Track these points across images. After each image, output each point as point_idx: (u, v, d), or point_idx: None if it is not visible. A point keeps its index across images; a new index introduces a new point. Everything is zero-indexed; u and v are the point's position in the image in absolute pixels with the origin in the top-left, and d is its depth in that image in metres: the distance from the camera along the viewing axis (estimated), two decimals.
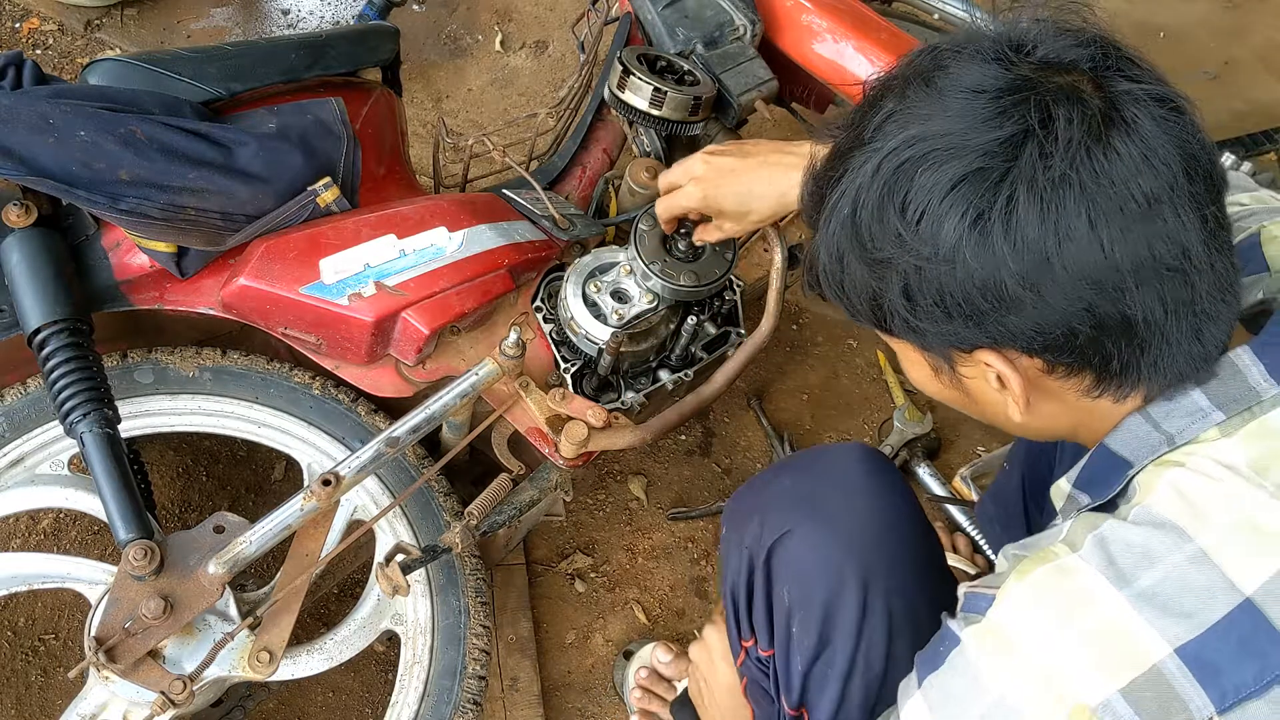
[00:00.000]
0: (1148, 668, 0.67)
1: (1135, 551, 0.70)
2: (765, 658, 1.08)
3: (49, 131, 1.16)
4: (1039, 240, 0.69)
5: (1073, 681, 0.68)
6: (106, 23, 2.24)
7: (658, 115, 1.41)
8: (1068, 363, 0.74)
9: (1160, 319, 0.71)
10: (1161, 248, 0.69)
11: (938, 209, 0.71)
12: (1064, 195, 0.68)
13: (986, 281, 0.71)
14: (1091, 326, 0.71)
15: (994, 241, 0.70)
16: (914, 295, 0.75)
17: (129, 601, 1.19)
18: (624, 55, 1.43)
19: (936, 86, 0.73)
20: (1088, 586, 0.70)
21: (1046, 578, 0.73)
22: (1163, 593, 0.68)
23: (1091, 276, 0.69)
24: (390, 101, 1.49)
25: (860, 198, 0.75)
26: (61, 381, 1.22)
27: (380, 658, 1.57)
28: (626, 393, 1.42)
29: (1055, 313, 0.71)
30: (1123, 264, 0.69)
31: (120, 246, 1.33)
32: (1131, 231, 0.69)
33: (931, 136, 0.71)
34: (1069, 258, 0.69)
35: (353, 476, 1.23)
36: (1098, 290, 0.70)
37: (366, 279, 1.30)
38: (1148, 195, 0.68)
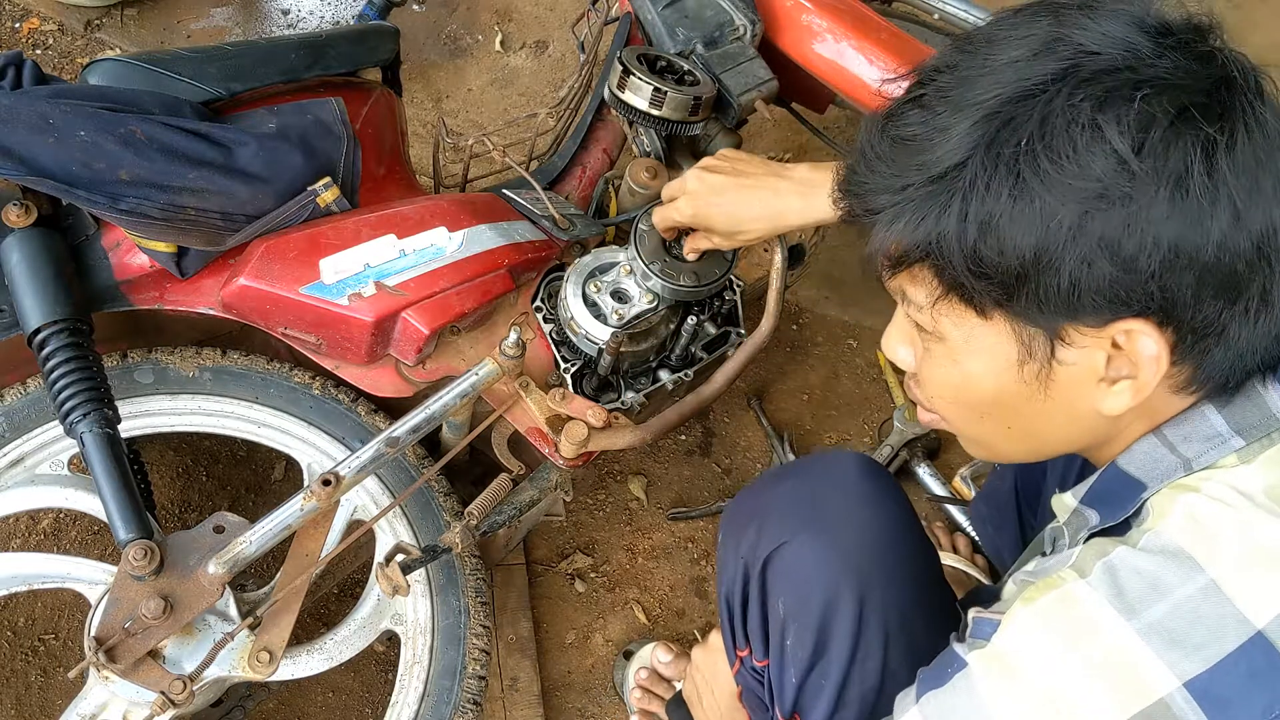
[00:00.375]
0: (1154, 700, 0.65)
1: (1145, 581, 0.68)
2: (760, 668, 1.08)
3: (49, 131, 1.16)
4: (1249, 186, 0.66)
5: (1077, 710, 0.67)
6: (106, 23, 2.24)
7: (657, 115, 1.41)
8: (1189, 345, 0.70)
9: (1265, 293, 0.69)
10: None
11: (1158, 142, 0.65)
12: (1269, 151, 0.66)
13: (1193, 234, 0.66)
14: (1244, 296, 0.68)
15: (1220, 179, 0.65)
16: (1113, 247, 0.67)
17: (129, 601, 1.19)
18: (624, 55, 1.43)
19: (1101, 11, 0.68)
20: (1095, 616, 0.68)
21: (1053, 605, 0.71)
22: (1172, 625, 0.66)
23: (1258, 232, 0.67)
24: (390, 101, 1.49)
25: (1050, 129, 0.66)
26: (61, 381, 1.22)
27: (380, 658, 1.57)
28: (626, 393, 1.42)
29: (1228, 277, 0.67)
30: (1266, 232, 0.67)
31: (120, 246, 1.33)
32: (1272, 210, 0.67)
33: (1133, 67, 0.66)
34: (1256, 210, 0.66)
35: (353, 476, 1.23)
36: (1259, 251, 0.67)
37: (366, 279, 1.30)
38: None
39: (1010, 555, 1.36)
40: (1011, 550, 1.36)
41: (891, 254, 0.76)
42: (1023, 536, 1.33)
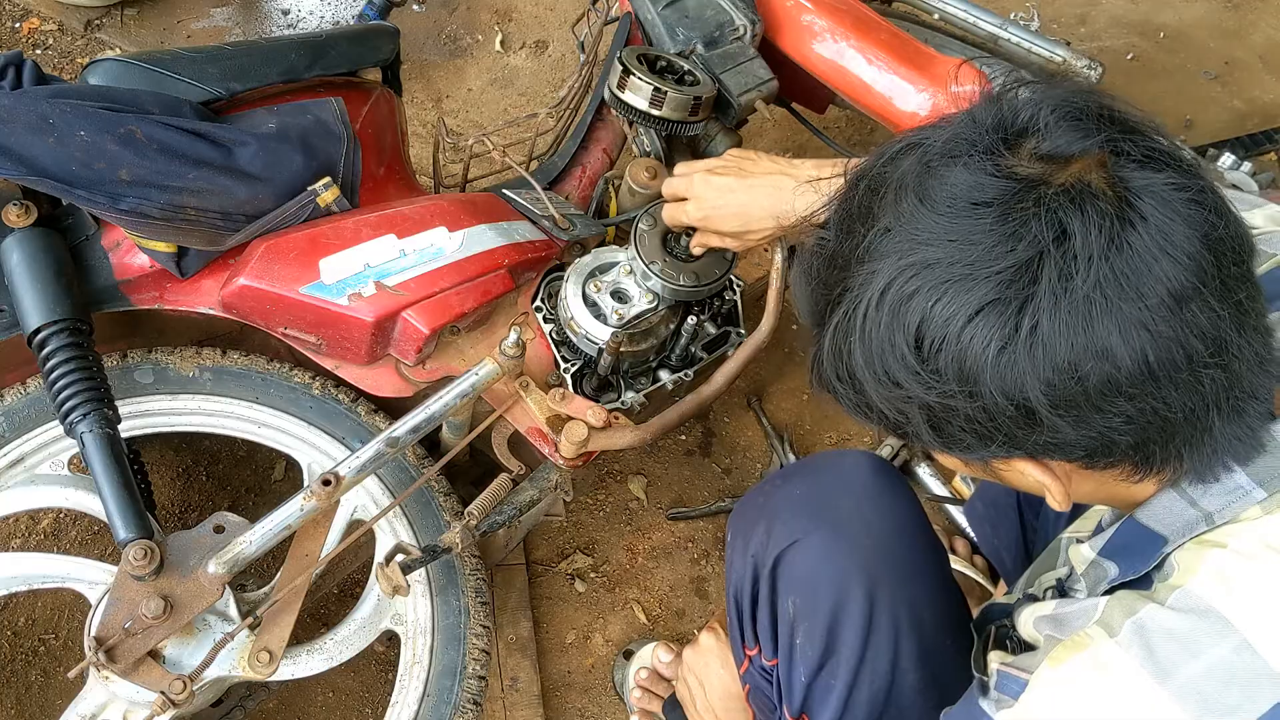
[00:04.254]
0: None
1: (1177, 642, 0.68)
2: (769, 667, 1.08)
3: (49, 131, 1.16)
4: (1069, 363, 0.65)
5: None
6: (106, 23, 2.24)
7: (657, 115, 1.41)
8: (1105, 461, 0.72)
9: (1201, 411, 0.68)
10: (1196, 344, 0.65)
11: (957, 342, 0.67)
12: (1091, 313, 0.64)
13: (1018, 411, 0.68)
14: (1132, 434, 0.68)
15: (1021, 370, 0.66)
16: (940, 425, 0.72)
17: (129, 601, 1.19)
18: (624, 55, 1.43)
19: (931, 199, 0.68)
20: (1127, 681, 0.68)
21: (1083, 671, 0.71)
22: (1206, 687, 0.66)
23: (1126, 389, 0.66)
24: (390, 101, 1.49)
25: (867, 327, 0.71)
26: (61, 381, 1.22)
27: (380, 658, 1.57)
28: (626, 393, 1.42)
29: (1093, 428, 0.68)
30: (1158, 370, 0.65)
31: (120, 246, 1.33)
32: (1163, 335, 0.65)
33: (938, 264, 0.67)
34: (1101, 375, 0.66)
35: (353, 476, 1.23)
36: (1133, 400, 0.66)
37: (366, 279, 1.29)
38: (1176, 294, 0.64)
39: (1010, 556, 1.36)
40: (1011, 551, 1.35)
41: None
42: (1024, 537, 1.33)
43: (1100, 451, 0.70)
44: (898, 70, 1.50)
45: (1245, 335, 0.68)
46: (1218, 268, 0.66)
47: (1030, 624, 0.87)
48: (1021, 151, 0.68)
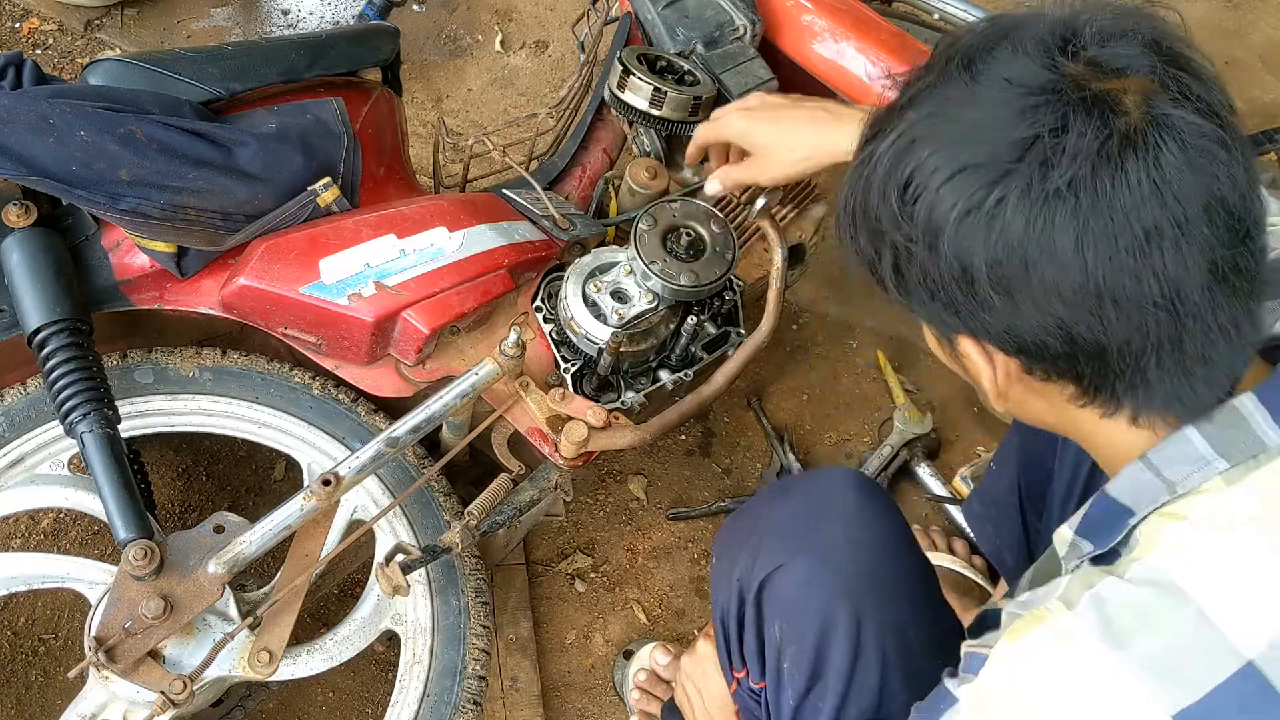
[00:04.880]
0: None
1: (1134, 613, 0.68)
2: (758, 689, 1.08)
3: (49, 131, 1.16)
4: (1020, 247, 0.67)
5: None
6: (106, 23, 2.24)
7: (657, 115, 1.41)
8: (1044, 368, 0.73)
9: (1138, 351, 0.69)
10: (1151, 284, 0.66)
11: (933, 194, 0.70)
12: (1055, 209, 0.66)
13: (962, 276, 0.70)
14: (1062, 342, 0.70)
15: (976, 238, 0.69)
16: (902, 271, 0.75)
17: (129, 601, 1.19)
18: (624, 55, 1.43)
19: (975, 70, 0.71)
20: (1084, 652, 0.68)
21: (1041, 643, 0.71)
22: (1161, 658, 0.66)
23: (1066, 295, 0.67)
24: (390, 101, 1.49)
25: (875, 163, 0.74)
26: (61, 381, 1.22)
27: (380, 658, 1.57)
28: (626, 393, 1.42)
29: (1027, 320, 0.70)
30: (1103, 290, 0.66)
31: (120, 246, 1.33)
32: (1119, 261, 0.66)
33: (949, 120, 0.70)
34: (1046, 271, 0.67)
35: (353, 476, 1.23)
36: (1071, 309, 0.68)
37: (366, 279, 1.29)
38: (1147, 228, 0.65)
39: (1013, 556, 1.35)
40: (1014, 551, 1.35)
41: None
42: (1026, 538, 1.33)
43: (1033, 352, 0.72)
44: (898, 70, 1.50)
45: (1215, 300, 0.68)
46: (1205, 224, 0.66)
47: (1005, 615, 0.87)
48: (1078, 57, 0.69)
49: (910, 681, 0.97)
